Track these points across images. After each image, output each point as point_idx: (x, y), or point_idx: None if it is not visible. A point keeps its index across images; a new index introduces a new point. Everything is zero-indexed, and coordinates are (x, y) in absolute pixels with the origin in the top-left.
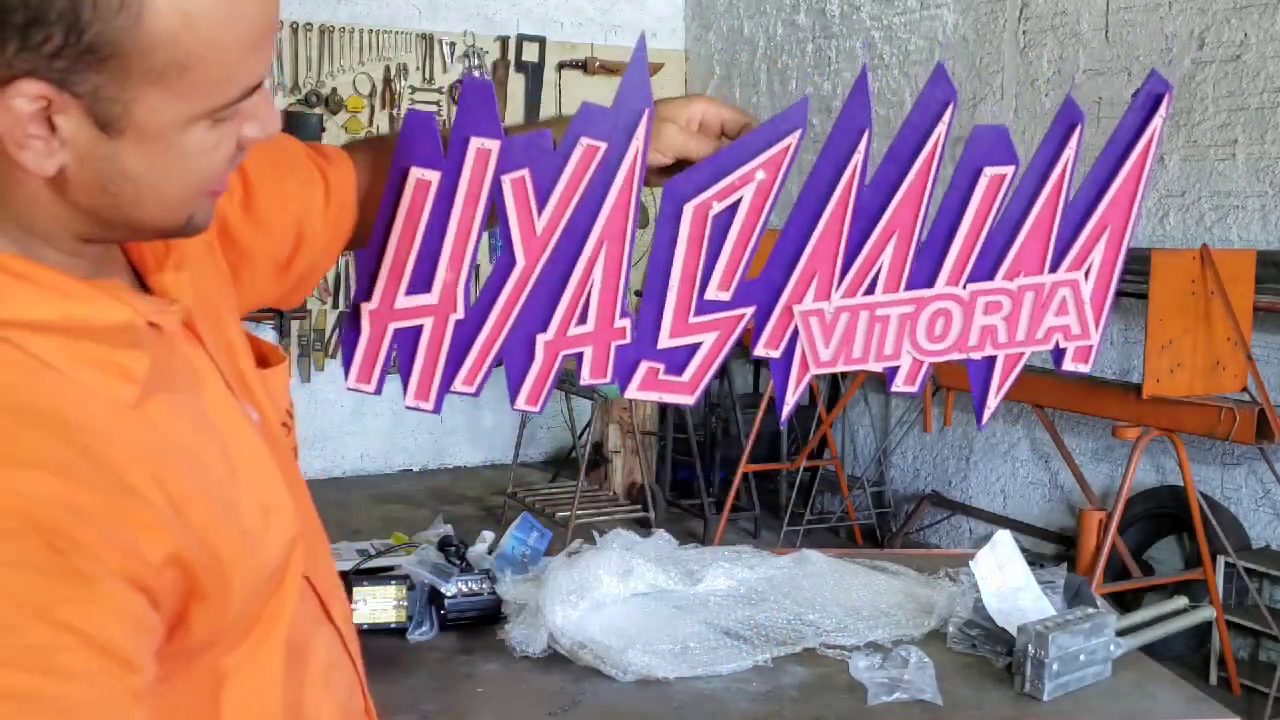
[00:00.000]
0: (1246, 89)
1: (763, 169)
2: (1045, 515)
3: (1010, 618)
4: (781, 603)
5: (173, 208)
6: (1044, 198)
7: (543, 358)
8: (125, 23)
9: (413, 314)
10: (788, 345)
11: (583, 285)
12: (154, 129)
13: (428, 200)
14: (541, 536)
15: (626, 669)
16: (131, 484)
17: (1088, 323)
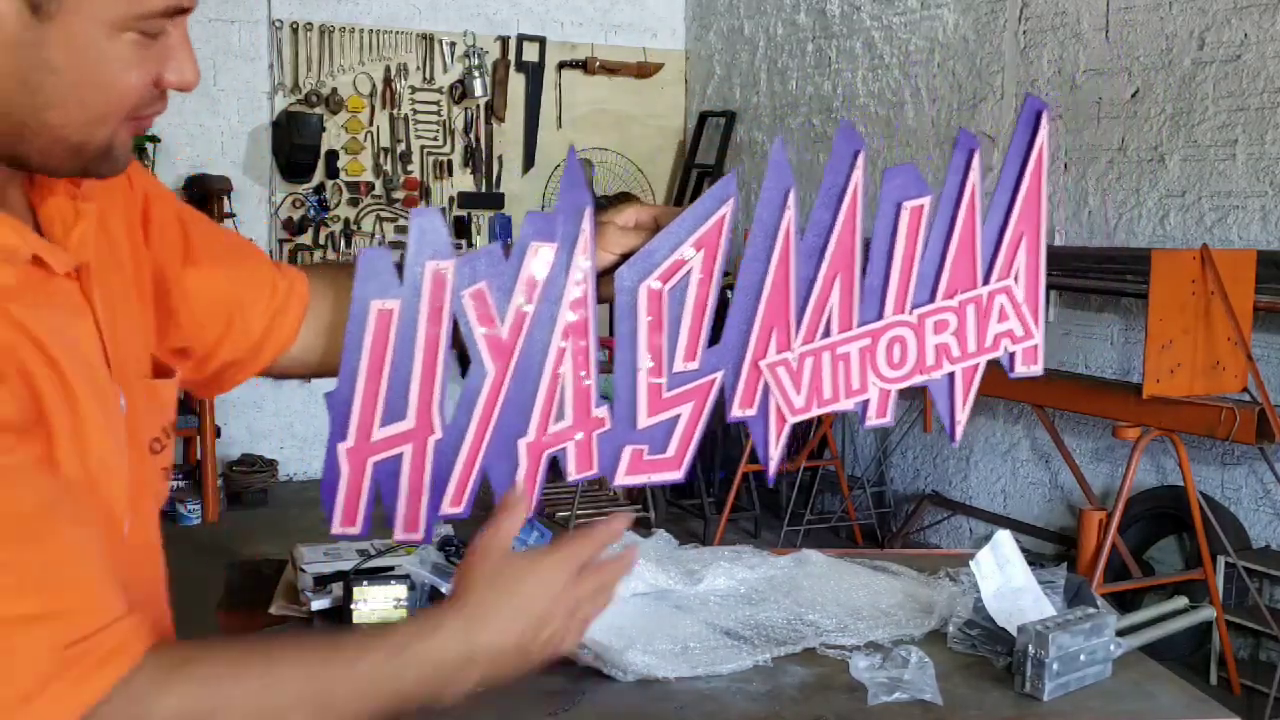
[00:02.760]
0: (1246, 89)
1: (703, 242)
2: (1045, 515)
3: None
4: (781, 603)
5: (89, 119)
6: (962, 218)
7: (527, 461)
8: None
9: (391, 443)
10: (761, 401)
11: (554, 383)
12: (81, 22)
13: (391, 328)
14: (541, 536)
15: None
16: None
17: (1028, 324)
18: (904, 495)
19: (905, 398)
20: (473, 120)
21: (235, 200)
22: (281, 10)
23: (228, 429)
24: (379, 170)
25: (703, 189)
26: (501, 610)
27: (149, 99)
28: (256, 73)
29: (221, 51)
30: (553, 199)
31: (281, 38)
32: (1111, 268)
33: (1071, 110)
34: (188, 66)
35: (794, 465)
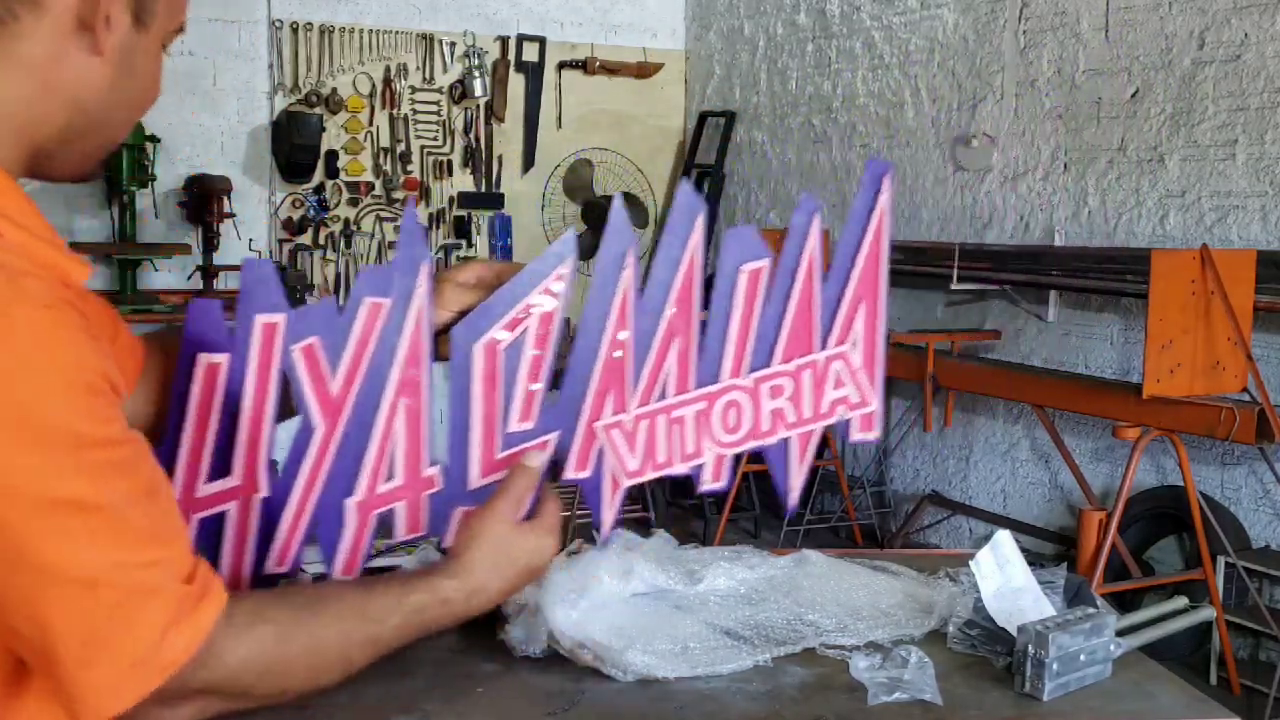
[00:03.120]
0: (1246, 89)
1: (541, 296)
2: (1045, 515)
3: (1010, 618)
4: (781, 603)
5: (132, 120)
6: (800, 283)
7: (355, 521)
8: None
9: (216, 500)
10: (596, 464)
11: (384, 441)
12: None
13: (218, 383)
14: None
15: (626, 669)
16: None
17: (864, 390)
18: (904, 495)
19: (904, 398)
20: (473, 120)
21: (235, 200)
22: (281, 10)
23: None
24: (379, 170)
25: (703, 189)
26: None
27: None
28: (256, 73)
29: (221, 51)
30: (552, 199)
31: (281, 38)
32: (1111, 268)
33: (1071, 110)
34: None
35: None
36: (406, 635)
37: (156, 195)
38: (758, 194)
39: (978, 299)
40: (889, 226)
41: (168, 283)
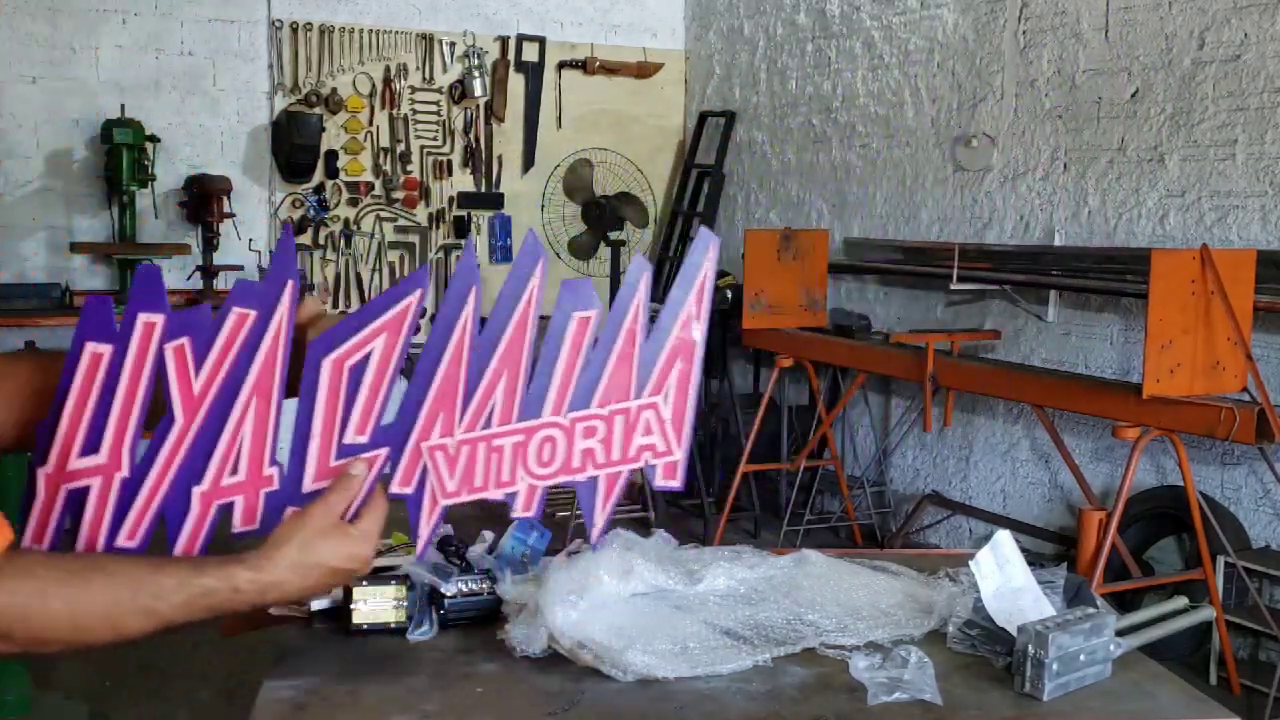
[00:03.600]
0: (1246, 89)
1: (388, 326)
2: (1045, 515)
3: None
4: (781, 603)
5: None
6: (623, 334)
7: (198, 508)
8: None
9: (83, 474)
10: (419, 482)
11: (234, 439)
12: None
13: (100, 370)
14: (541, 536)
15: (626, 669)
16: None
17: (670, 440)
18: (904, 495)
19: (904, 398)
20: (472, 120)
21: (235, 200)
22: (281, 10)
23: None
24: (379, 170)
25: (703, 188)
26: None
27: None
28: (256, 73)
29: (221, 51)
30: (552, 199)
31: (281, 38)
32: (1111, 268)
33: (1071, 110)
34: None
35: (794, 465)
36: (192, 613)
37: (156, 195)
38: (757, 194)
39: (978, 299)
40: (710, 291)
41: (168, 283)
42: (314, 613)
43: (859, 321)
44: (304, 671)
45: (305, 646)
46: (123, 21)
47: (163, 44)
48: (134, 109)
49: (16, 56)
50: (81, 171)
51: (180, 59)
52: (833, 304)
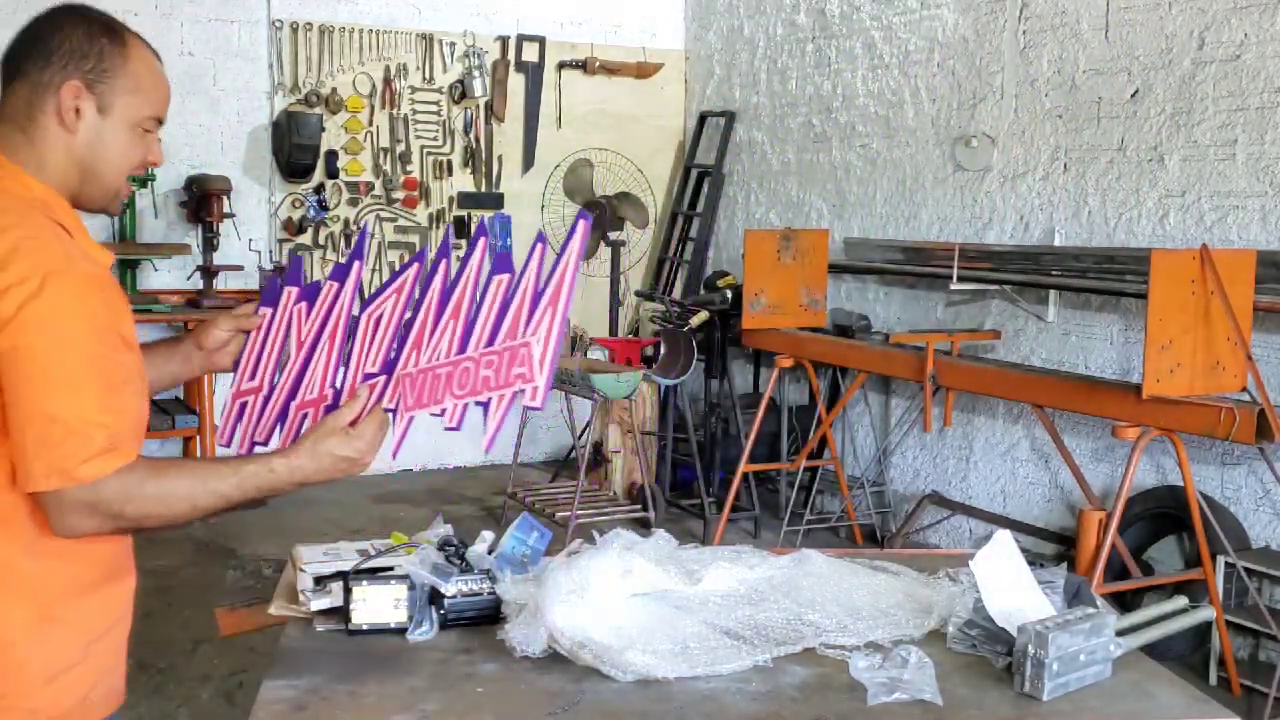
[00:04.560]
0: (1246, 89)
1: (395, 291)
2: (1045, 515)
3: (1010, 618)
4: (781, 603)
5: (117, 175)
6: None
7: (293, 416)
8: (120, 63)
9: (246, 394)
10: (397, 399)
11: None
12: (117, 121)
13: (263, 327)
14: (541, 536)
15: (626, 669)
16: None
17: (534, 372)
18: (904, 495)
19: (904, 398)
20: (472, 120)
21: (235, 200)
22: (281, 10)
23: None
24: (379, 170)
25: (703, 188)
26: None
27: (144, 164)
28: (256, 73)
29: (221, 51)
30: (552, 199)
31: (281, 38)
32: (1111, 268)
33: (1071, 110)
34: (157, 152)
35: (794, 465)
36: (246, 492)
37: (156, 195)
38: (757, 194)
39: (978, 299)
40: (577, 260)
41: (167, 283)
42: (314, 613)
43: (859, 321)
44: (304, 671)
45: (305, 646)
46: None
47: (163, 44)
48: None
49: None
50: None
51: (180, 59)
52: (833, 304)
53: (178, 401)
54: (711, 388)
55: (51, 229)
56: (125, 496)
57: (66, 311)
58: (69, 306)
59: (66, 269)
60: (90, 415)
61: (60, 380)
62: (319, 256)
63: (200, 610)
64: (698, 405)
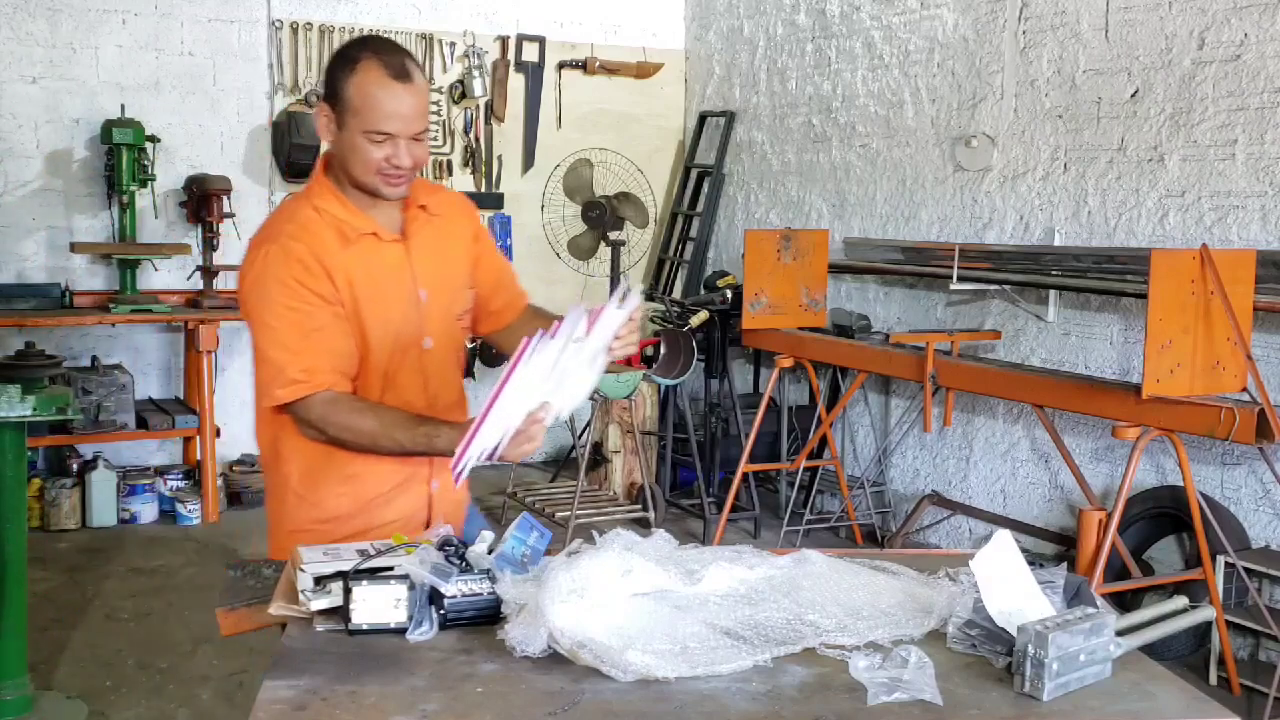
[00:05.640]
0: (1246, 89)
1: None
2: (1045, 515)
3: (1010, 618)
4: (781, 603)
5: (362, 173)
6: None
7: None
8: (344, 88)
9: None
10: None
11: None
12: (350, 131)
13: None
14: (541, 536)
15: (626, 669)
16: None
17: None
18: (904, 495)
19: (904, 398)
20: (473, 120)
21: (235, 200)
22: (281, 10)
23: (228, 429)
24: None
25: (703, 188)
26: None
27: (385, 167)
28: (256, 73)
29: (221, 51)
30: (552, 199)
31: (281, 38)
32: (1111, 268)
33: (1071, 110)
34: (402, 155)
35: (794, 465)
36: (417, 445)
37: (156, 195)
38: (757, 194)
39: (978, 299)
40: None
41: (167, 283)
42: (314, 613)
43: (859, 321)
44: (304, 671)
45: (305, 646)
46: (123, 21)
47: (163, 44)
48: (134, 109)
49: (16, 56)
50: (81, 171)
51: (180, 59)
52: (833, 304)
53: (178, 401)
54: (711, 388)
55: (304, 214)
56: (324, 420)
57: (264, 280)
58: (265, 275)
59: (267, 249)
60: (284, 354)
61: (263, 331)
62: None
63: (200, 610)
64: (698, 405)
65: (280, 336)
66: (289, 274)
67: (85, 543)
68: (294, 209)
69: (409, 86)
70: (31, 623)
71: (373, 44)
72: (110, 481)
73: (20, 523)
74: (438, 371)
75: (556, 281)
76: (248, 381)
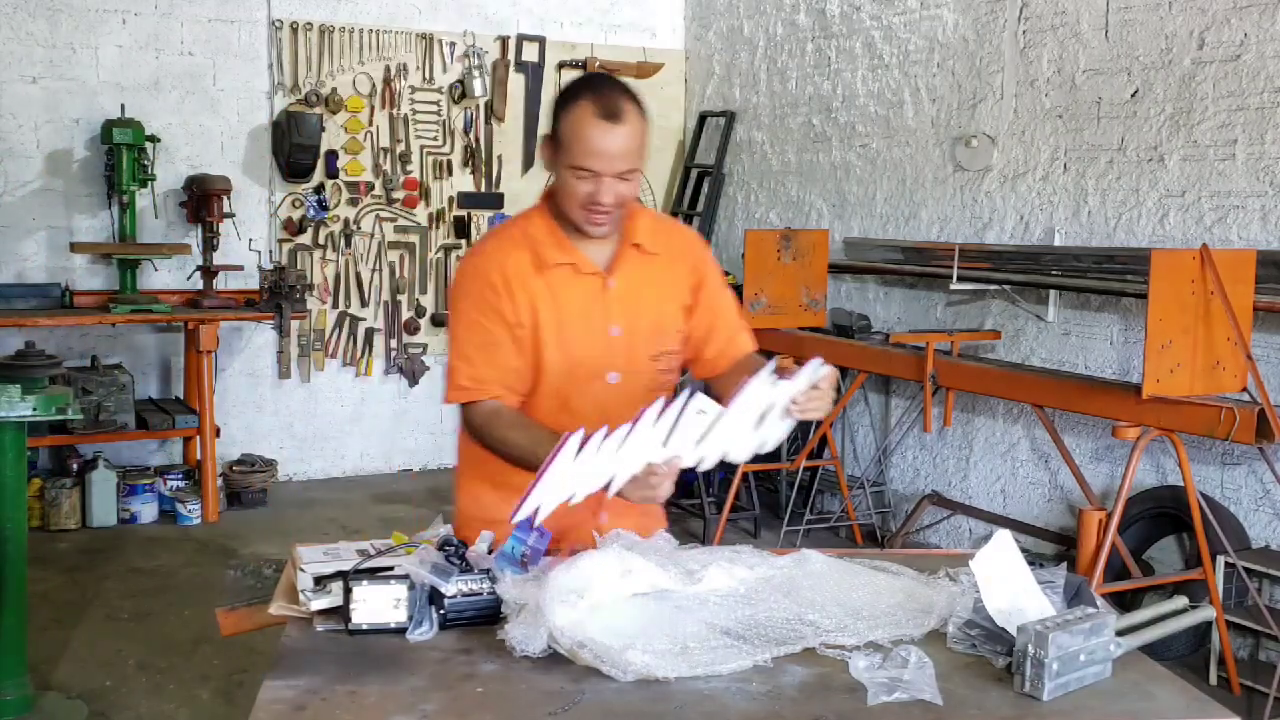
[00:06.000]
0: (1246, 89)
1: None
2: (1045, 515)
3: (1010, 618)
4: (781, 603)
5: (568, 207)
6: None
7: None
8: (561, 125)
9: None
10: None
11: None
12: (562, 165)
13: None
14: (541, 536)
15: (626, 669)
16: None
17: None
18: (904, 495)
19: (904, 398)
20: (472, 120)
21: (234, 200)
22: (281, 10)
23: (227, 429)
24: (378, 170)
25: (703, 188)
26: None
27: (588, 203)
28: (256, 73)
29: (221, 51)
30: None
31: (281, 38)
32: (1111, 268)
33: (1071, 110)
34: (603, 193)
35: (794, 465)
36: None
37: (156, 195)
38: (757, 194)
39: (978, 299)
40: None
41: (167, 283)
42: (314, 612)
43: (859, 321)
44: (304, 671)
45: (305, 646)
46: (123, 21)
47: (163, 44)
48: (134, 109)
49: (16, 56)
50: (81, 171)
51: (180, 59)
52: (833, 304)
53: (178, 401)
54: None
55: (510, 236)
56: (484, 429)
57: (459, 292)
58: (460, 288)
59: (468, 263)
60: (460, 361)
61: (452, 337)
62: (318, 256)
63: (200, 610)
64: None
65: (460, 345)
66: (477, 289)
67: (85, 543)
68: (506, 229)
69: (617, 126)
70: (31, 623)
71: (594, 82)
72: (110, 481)
73: (20, 523)
74: (621, 407)
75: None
76: (247, 381)
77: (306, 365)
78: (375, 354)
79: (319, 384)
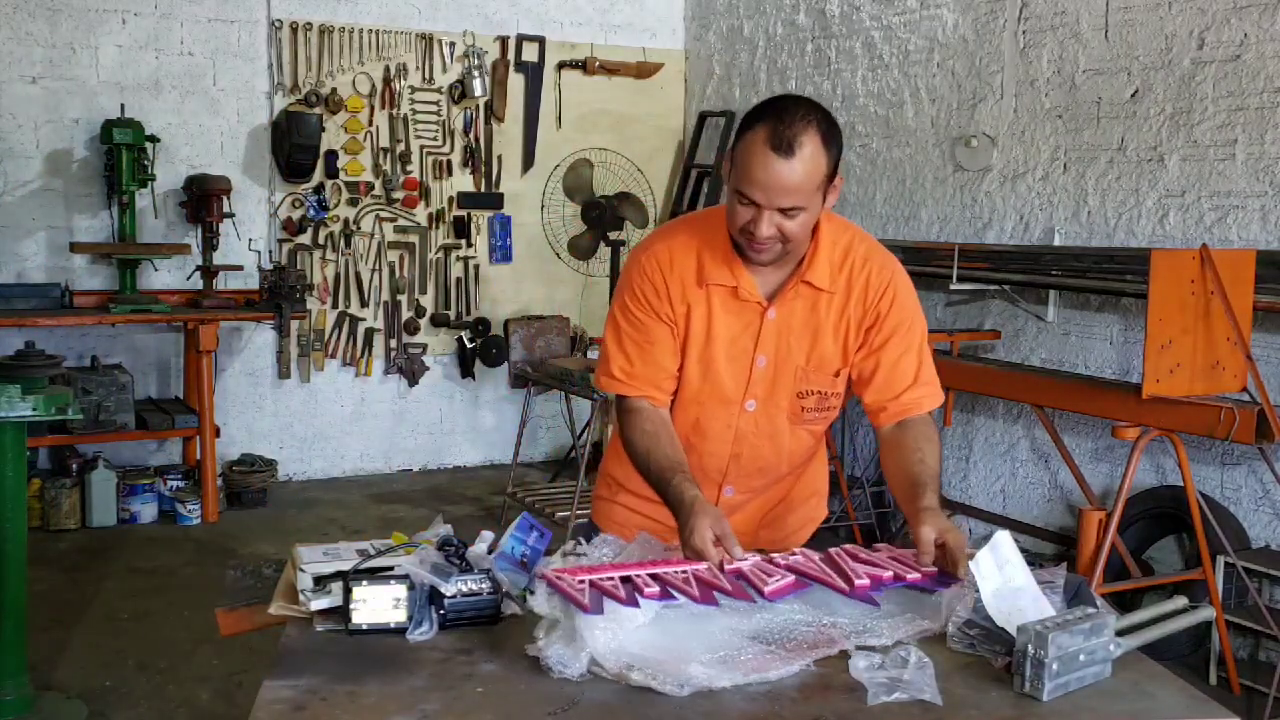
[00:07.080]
0: (1246, 89)
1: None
2: (1045, 515)
3: (1010, 618)
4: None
5: (730, 229)
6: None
7: None
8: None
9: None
10: None
11: None
12: (730, 183)
13: None
14: (541, 536)
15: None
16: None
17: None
18: None
19: None
20: (472, 120)
21: (235, 200)
22: (281, 10)
23: (227, 429)
24: (378, 170)
25: (703, 188)
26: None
27: (746, 230)
28: (256, 73)
29: (221, 51)
30: (552, 199)
31: (281, 38)
32: (1111, 268)
33: (1071, 110)
34: (761, 225)
35: None
36: (660, 489)
37: (156, 195)
38: None
39: (977, 299)
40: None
41: (167, 283)
42: (314, 613)
43: None
44: (304, 671)
45: (305, 646)
46: (123, 21)
47: (163, 44)
48: (134, 109)
49: (16, 56)
50: (81, 171)
51: (180, 59)
52: None
53: (177, 401)
54: None
55: (684, 242)
56: (623, 423)
57: (626, 279)
58: (629, 275)
59: (643, 253)
60: (615, 348)
61: (611, 321)
62: (318, 256)
63: (200, 610)
64: None
65: (617, 334)
66: (640, 287)
67: (85, 543)
68: (686, 225)
69: (786, 160)
70: (31, 623)
71: (780, 106)
72: (110, 481)
73: (20, 523)
74: (753, 436)
75: (556, 281)
76: (247, 382)
77: (306, 365)
78: (375, 354)
79: (319, 384)
